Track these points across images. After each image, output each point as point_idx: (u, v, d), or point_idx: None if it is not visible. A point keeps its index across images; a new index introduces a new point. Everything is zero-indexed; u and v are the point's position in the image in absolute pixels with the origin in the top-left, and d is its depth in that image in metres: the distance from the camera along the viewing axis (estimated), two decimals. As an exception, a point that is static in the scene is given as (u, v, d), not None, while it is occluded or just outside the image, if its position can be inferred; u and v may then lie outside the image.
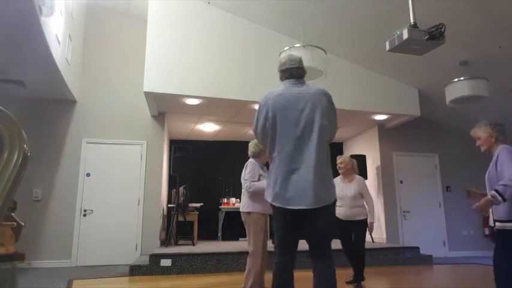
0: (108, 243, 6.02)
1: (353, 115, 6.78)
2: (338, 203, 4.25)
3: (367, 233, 4.50)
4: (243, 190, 3.62)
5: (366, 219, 4.20)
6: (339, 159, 4.31)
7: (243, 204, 3.54)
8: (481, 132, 2.86)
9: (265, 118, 2.27)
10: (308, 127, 2.20)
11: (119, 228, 6.11)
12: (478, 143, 2.90)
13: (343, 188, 4.22)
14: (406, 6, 3.51)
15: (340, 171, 4.28)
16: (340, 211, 4.22)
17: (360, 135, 8.29)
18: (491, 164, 2.75)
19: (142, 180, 6.36)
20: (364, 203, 4.26)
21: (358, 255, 4.17)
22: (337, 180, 4.25)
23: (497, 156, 2.68)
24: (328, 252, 2.18)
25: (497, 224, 2.67)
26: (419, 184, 7.61)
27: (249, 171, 3.50)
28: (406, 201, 7.46)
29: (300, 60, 2.40)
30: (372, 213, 4.20)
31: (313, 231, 2.20)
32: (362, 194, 4.22)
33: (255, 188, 3.39)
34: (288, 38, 5.93)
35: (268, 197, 2.26)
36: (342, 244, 4.25)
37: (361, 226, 4.22)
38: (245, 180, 3.49)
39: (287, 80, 2.36)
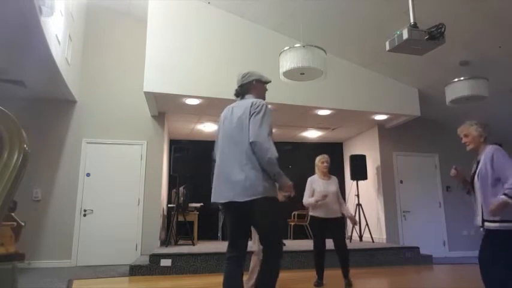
0: (108, 243, 6.02)
1: (353, 115, 6.79)
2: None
3: (345, 230, 4.51)
4: None
5: (341, 217, 4.24)
6: (324, 158, 4.32)
7: None
8: (472, 130, 2.87)
9: None
10: None
11: (119, 228, 6.11)
12: (465, 140, 2.91)
13: (325, 184, 4.21)
14: (406, 6, 3.51)
15: (325, 170, 4.29)
16: (321, 209, 4.12)
17: (360, 135, 8.29)
18: (482, 163, 2.76)
19: (142, 180, 6.36)
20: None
21: (344, 255, 4.08)
22: (315, 178, 4.30)
23: (492, 157, 2.70)
24: None
25: (493, 224, 2.68)
26: (419, 184, 7.61)
27: None
28: (406, 201, 7.46)
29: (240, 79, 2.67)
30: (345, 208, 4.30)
31: None
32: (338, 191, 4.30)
33: None
34: (288, 38, 5.93)
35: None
36: (317, 244, 4.15)
37: (342, 224, 4.27)
38: None
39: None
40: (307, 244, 6.26)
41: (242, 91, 2.62)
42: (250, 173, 2.28)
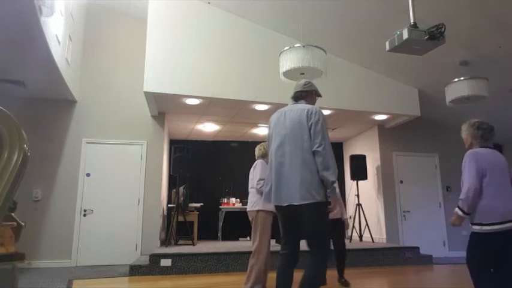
0: (108, 243, 6.02)
1: (353, 115, 6.79)
2: None
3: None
4: (251, 189, 3.65)
5: (341, 218, 4.31)
6: None
7: (251, 202, 3.57)
8: (463, 132, 2.81)
9: None
10: None
11: (119, 228, 6.11)
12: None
13: None
14: (406, 6, 3.51)
15: None
16: None
17: (360, 135, 8.29)
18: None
19: (142, 180, 6.36)
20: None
21: (340, 252, 4.20)
22: None
23: (463, 163, 2.64)
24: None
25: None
26: (419, 184, 7.61)
27: (260, 171, 3.58)
28: (406, 201, 7.46)
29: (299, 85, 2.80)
30: (344, 212, 4.37)
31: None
32: None
33: None
34: (288, 38, 5.93)
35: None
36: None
37: (340, 224, 4.31)
38: (258, 179, 3.54)
39: None
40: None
41: (300, 96, 2.76)
42: (306, 177, 2.39)
